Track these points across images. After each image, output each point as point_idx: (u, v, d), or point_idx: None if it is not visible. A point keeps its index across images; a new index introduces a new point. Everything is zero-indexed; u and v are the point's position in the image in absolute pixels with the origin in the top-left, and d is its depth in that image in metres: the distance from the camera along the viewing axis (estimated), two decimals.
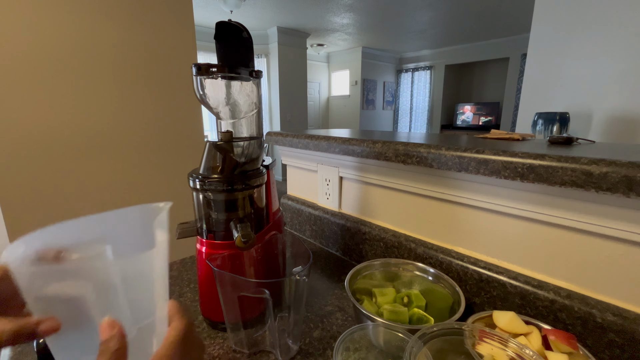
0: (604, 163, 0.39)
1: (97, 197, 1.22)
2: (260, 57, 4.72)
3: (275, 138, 0.93)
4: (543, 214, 0.48)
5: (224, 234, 0.49)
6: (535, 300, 0.49)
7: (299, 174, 0.96)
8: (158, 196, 1.38)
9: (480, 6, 3.67)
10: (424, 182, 0.62)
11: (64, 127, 1.13)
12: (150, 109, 1.31)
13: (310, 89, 6.14)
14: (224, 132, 0.50)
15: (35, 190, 1.10)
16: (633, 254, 0.42)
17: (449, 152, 0.54)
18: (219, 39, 0.49)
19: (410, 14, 3.96)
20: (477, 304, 0.56)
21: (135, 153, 1.30)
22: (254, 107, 0.54)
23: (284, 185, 1.39)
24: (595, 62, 1.89)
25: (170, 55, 1.32)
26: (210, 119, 3.89)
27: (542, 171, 0.44)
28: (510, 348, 0.36)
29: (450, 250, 0.61)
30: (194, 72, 0.47)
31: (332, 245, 0.83)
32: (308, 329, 0.53)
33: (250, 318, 0.49)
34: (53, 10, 1.06)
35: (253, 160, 0.52)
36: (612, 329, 0.42)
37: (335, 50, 6.16)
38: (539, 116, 1.83)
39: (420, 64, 6.39)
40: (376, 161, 0.68)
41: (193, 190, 0.50)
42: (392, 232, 0.69)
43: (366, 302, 0.53)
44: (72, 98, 1.13)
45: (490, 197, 0.53)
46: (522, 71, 4.64)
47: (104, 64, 1.18)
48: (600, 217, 0.43)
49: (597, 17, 1.84)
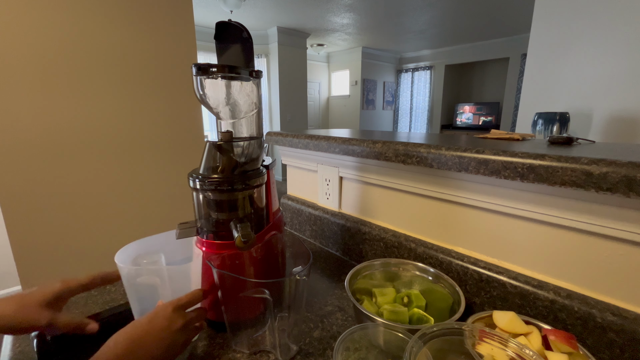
0: (604, 163, 0.39)
1: (97, 197, 1.22)
2: (260, 57, 4.71)
3: (275, 138, 0.93)
4: (543, 214, 0.48)
5: (224, 234, 0.49)
6: (535, 300, 0.49)
7: (299, 174, 0.96)
8: (158, 196, 1.38)
9: (480, 6, 3.67)
10: (424, 182, 0.62)
11: (63, 127, 1.13)
12: (150, 109, 1.31)
13: (310, 89, 6.14)
14: (224, 132, 0.50)
15: (35, 190, 1.10)
16: (633, 254, 0.42)
17: (449, 152, 0.54)
18: (219, 39, 0.49)
19: (410, 14, 3.96)
20: (477, 304, 0.56)
21: (136, 153, 1.30)
22: (254, 107, 0.54)
23: (284, 185, 1.39)
24: (595, 62, 1.88)
25: (170, 55, 1.32)
26: (210, 119, 3.89)
27: (542, 171, 0.44)
28: (510, 348, 0.36)
29: (450, 250, 0.61)
30: (194, 72, 0.47)
31: (332, 245, 0.83)
32: (308, 329, 0.53)
33: (250, 318, 0.49)
34: (53, 10, 1.06)
35: (253, 160, 0.52)
36: (612, 329, 0.42)
37: (335, 50, 6.16)
38: (539, 116, 1.83)
39: (420, 64, 6.39)
40: (376, 161, 0.68)
41: (193, 190, 0.50)
42: (392, 232, 0.69)
43: (366, 302, 0.53)
44: (72, 98, 1.13)
45: (490, 197, 0.53)
46: (522, 71, 4.64)
47: (104, 64, 1.18)
48: (600, 217, 0.43)
49: (597, 17, 1.84)
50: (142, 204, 1.34)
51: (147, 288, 0.47)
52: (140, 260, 0.51)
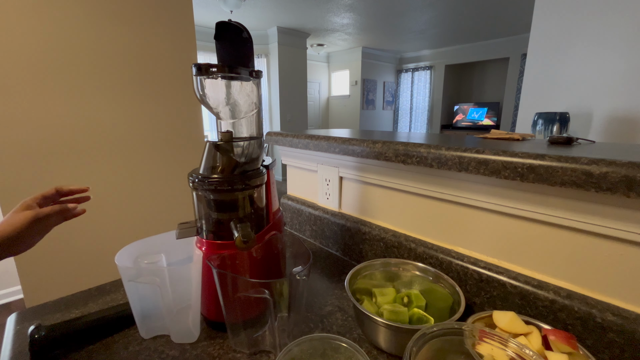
0: (604, 163, 0.39)
1: (97, 196, 1.22)
2: (260, 57, 4.71)
3: (275, 138, 0.93)
4: (543, 214, 0.48)
5: (224, 234, 0.49)
6: (535, 300, 0.49)
7: (299, 174, 0.96)
8: (158, 196, 1.38)
9: (480, 6, 3.67)
10: (424, 182, 0.62)
11: (64, 127, 1.13)
12: (150, 109, 1.31)
13: (310, 89, 6.14)
14: (224, 132, 0.50)
15: (35, 190, 1.09)
16: (633, 254, 0.42)
17: (449, 152, 0.54)
18: (219, 39, 0.49)
19: (410, 14, 3.96)
20: (477, 304, 0.56)
21: (135, 153, 1.30)
22: (254, 107, 0.54)
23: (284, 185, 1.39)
24: (595, 62, 1.88)
25: (170, 55, 1.32)
26: (210, 119, 3.89)
27: (542, 171, 0.44)
28: (510, 348, 0.36)
29: (450, 250, 0.61)
30: (194, 72, 0.47)
31: (332, 245, 0.83)
32: (308, 329, 0.53)
33: (250, 318, 0.49)
34: (53, 10, 1.06)
35: (253, 160, 0.52)
36: (612, 329, 0.42)
37: (335, 50, 6.16)
38: (539, 116, 1.83)
39: (420, 64, 6.39)
40: (376, 161, 0.68)
41: (193, 190, 0.50)
42: (392, 232, 0.69)
43: (366, 302, 0.53)
44: (72, 98, 1.13)
45: (490, 197, 0.53)
46: (522, 71, 4.65)
47: (104, 64, 1.18)
48: (600, 217, 0.43)
49: (597, 17, 1.84)
50: (142, 204, 1.34)
51: (147, 288, 0.47)
52: (141, 260, 0.51)
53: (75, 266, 1.21)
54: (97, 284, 0.67)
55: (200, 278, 0.49)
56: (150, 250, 0.53)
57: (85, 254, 1.22)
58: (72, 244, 1.19)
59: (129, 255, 0.50)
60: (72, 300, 0.61)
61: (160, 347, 0.49)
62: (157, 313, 0.50)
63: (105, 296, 0.62)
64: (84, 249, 1.22)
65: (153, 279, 0.46)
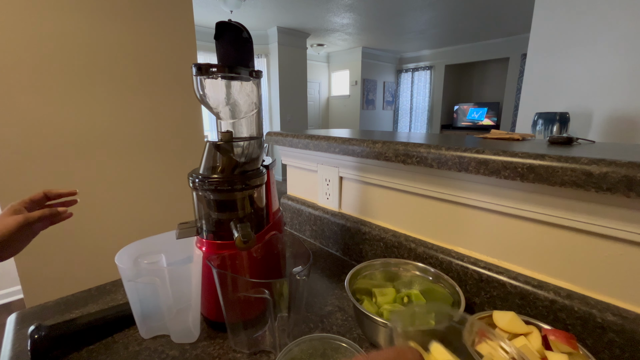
0: (604, 163, 0.39)
1: (97, 196, 1.22)
2: (260, 57, 4.71)
3: (275, 138, 0.93)
4: (543, 214, 0.48)
5: (224, 234, 0.49)
6: (535, 300, 0.49)
7: (299, 174, 0.96)
8: (158, 196, 1.38)
9: (480, 6, 3.67)
10: (424, 182, 0.62)
11: (63, 127, 1.13)
12: (150, 109, 1.31)
13: (310, 89, 6.14)
14: (224, 132, 0.50)
15: (35, 190, 1.10)
16: (633, 254, 0.42)
17: (449, 152, 0.54)
18: (219, 39, 0.49)
19: (410, 14, 3.96)
20: (477, 304, 0.56)
21: (135, 153, 1.30)
22: (254, 107, 0.54)
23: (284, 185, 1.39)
24: (595, 62, 1.88)
25: (170, 55, 1.32)
26: (210, 119, 3.89)
27: (542, 171, 0.44)
28: (510, 348, 0.36)
29: (450, 250, 0.61)
30: (194, 72, 0.47)
31: (332, 245, 0.83)
32: (308, 329, 0.53)
33: (250, 318, 0.49)
34: (53, 10, 1.06)
35: (253, 160, 0.52)
36: (612, 329, 0.42)
37: (335, 50, 6.16)
38: (539, 116, 1.83)
39: (420, 64, 6.39)
40: (376, 161, 0.68)
41: (193, 190, 0.50)
42: (392, 232, 0.69)
43: (366, 302, 0.53)
44: (72, 98, 1.13)
45: (490, 197, 0.53)
46: (522, 71, 4.65)
47: (104, 64, 1.18)
48: (600, 217, 0.43)
49: (597, 17, 1.84)
50: (142, 204, 1.34)
51: (147, 288, 0.47)
52: (141, 260, 0.51)
53: (75, 266, 1.21)
54: (97, 284, 0.67)
55: (200, 278, 0.49)
56: (150, 250, 0.53)
57: (85, 254, 1.22)
58: (72, 244, 1.19)
59: (129, 256, 0.50)
60: (72, 300, 0.61)
61: (160, 347, 0.49)
62: (157, 313, 0.50)
63: (105, 296, 0.62)
64: (84, 249, 1.22)
65: (153, 279, 0.46)
